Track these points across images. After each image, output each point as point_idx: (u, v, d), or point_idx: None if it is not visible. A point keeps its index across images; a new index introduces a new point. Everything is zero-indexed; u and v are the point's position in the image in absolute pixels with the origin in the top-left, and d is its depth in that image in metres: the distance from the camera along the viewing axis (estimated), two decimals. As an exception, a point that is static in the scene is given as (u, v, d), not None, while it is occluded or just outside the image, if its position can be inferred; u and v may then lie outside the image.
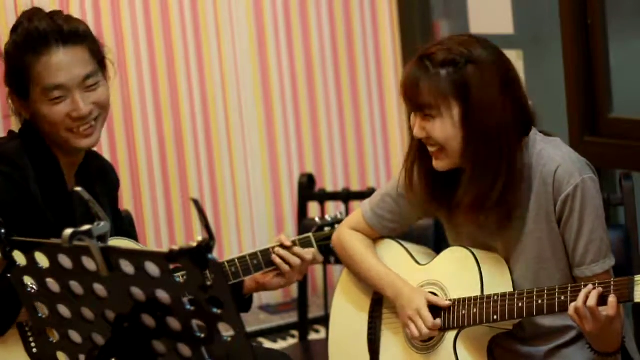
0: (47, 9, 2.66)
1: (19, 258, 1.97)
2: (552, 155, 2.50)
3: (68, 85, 2.56)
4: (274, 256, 2.75)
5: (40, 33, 2.57)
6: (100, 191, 2.72)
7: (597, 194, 2.49)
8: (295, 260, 2.74)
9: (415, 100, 2.49)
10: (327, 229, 2.89)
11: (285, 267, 2.75)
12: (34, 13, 2.63)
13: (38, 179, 2.58)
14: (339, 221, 2.90)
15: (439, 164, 2.53)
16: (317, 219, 2.94)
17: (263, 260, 2.75)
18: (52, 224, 2.55)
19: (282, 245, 2.76)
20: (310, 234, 2.83)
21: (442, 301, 2.58)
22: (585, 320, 2.33)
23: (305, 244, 2.80)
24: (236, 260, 2.73)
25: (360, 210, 2.81)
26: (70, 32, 2.59)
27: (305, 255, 2.75)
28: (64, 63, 2.56)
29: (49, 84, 2.56)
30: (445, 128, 2.47)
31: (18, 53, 2.58)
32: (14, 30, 2.63)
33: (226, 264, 2.72)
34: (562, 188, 2.47)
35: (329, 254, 2.90)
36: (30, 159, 2.59)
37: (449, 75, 2.45)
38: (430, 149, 2.52)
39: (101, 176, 2.78)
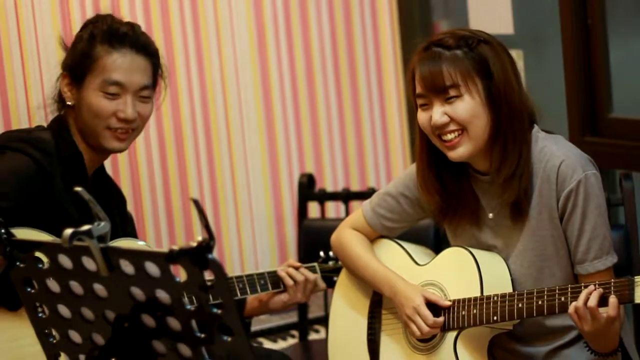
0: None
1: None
2: (555, 152, 2.50)
3: (126, 86, 2.70)
4: (279, 270, 2.88)
5: (119, 32, 2.72)
6: (112, 200, 2.81)
7: (599, 191, 2.49)
8: (300, 277, 2.87)
9: (438, 84, 2.46)
10: (331, 262, 3.01)
11: (289, 281, 2.87)
12: (119, 20, 2.78)
13: (64, 173, 2.64)
14: None
15: (457, 152, 2.49)
16: (322, 254, 3.03)
17: (270, 281, 2.88)
18: (74, 219, 2.57)
19: (290, 265, 2.90)
20: (315, 264, 2.97)
21: (442, 300, 2.57)
22: (585, 320, 2.33)
23: (310, 270, 2.93)
24: (244, 278, 2.84)
25: (360, 209, 2.81)
26: (145, 44, 2.75)
27: (309, 275, 2.89)
28: (130, 65, 2.71)
29: (111, 78, 2.68)
30: (470, 106, 2.46)
31: (93, 40, 2.72)
32: (89, 24, 2.76)
33: (234, 279, 2.83)
34: (566, 183, 2.47)
35: (333, 285, 2.95)
36: (58, 152, 2.66)
37: (465, 54, 2.46)
38: (449, 136, 2.48)
39: (112, 189, 2.89)
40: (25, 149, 2.62)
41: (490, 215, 2.57)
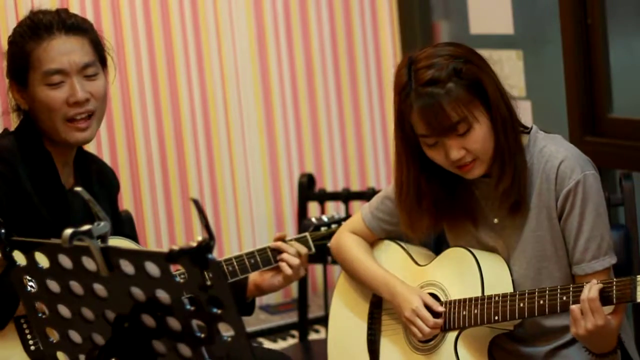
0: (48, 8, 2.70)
1: (19, 258, 1.97)
2: (554, 152, 2.50)
3: (67, 70, 2.61)
4: (277, 243, 2.79)
5: (43, 22, 2.64)
6: (98, 192, 2.74)
7: (598, 191, 2.49)
8: (295, 261, 2.78)
9: (446, 125, 2.42)
10: (323, 228, 2.93)
11: (288, 270, 2.77)
12: (41, 10, 2.70)
13: (31, 175, 2.60)
14: (337, 221, 2.92)
15: (473, 173, 2.49)
16: (313, 219, 2.96)
17: (260, 259, 2.79)
18: (47, 220, 2.57)
19: (281, 245, 2.81)
20: (306, 234, 2.88)
21: (436, 306, 2.57)
22: (587, 316, 2.31)
23: (302, 243, 2.85)
24: (233, 260, 2.77)
25: (360, 213, 2.81)
26: (73, 24, 2.65)
27: (301, 250, 2.81)
28: (64, 48, 2.62)
29: (49, 68, 2.61)
30: (481, 134, 2.44)
31: (21, 40, 2.65)
32: (16, 27, 2.69)
33: (223, 263, 2.75)
34: (565, 183, 2.47)
35: (327, 253, 2.92)
36: (23, 155, 2.61)
37: (457, 83, 2.42)
38: (463, 164, 2.47)
39: (100, 178, 2.81)
40: None
41: (496, 220, 2.57)
